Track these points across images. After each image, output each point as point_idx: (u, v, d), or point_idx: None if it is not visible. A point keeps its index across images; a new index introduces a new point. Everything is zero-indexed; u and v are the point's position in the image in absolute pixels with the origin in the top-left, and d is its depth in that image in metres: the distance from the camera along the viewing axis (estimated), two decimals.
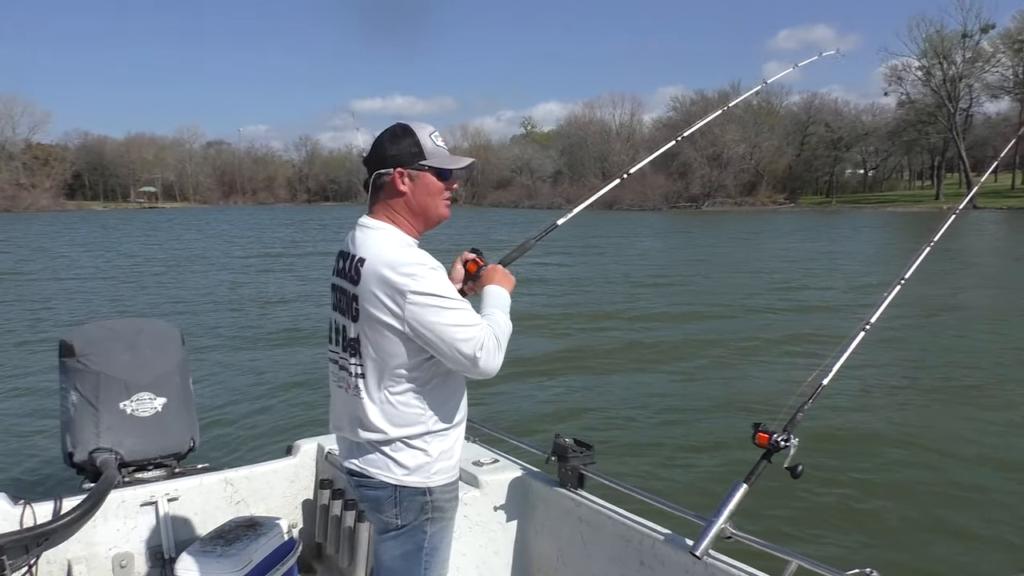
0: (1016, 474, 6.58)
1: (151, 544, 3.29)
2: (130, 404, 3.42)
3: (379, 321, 2.07)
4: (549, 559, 3.18)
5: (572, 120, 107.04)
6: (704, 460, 7.08)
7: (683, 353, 11.91)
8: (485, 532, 3.22)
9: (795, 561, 2.24)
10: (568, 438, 3.11)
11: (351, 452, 2.26)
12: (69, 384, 3.38)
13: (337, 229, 47.08)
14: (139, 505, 3.29)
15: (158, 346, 3.56)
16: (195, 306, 17.29)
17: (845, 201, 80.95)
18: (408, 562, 2.24)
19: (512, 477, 3.28)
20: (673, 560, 2.57)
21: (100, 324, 3.62)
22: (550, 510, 3.16)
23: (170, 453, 3.53)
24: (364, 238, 2.16)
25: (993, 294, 17.42)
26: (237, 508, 3.49)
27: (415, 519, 2.21)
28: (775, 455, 2.38)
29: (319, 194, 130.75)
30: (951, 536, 5.50)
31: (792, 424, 2.41)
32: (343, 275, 2.20)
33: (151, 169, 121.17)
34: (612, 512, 2.89)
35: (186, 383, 3.64)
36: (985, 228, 42.79)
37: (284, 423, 8.15)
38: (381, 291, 2.05)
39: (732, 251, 32.45)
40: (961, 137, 72.69)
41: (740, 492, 2.37)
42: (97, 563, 3.19)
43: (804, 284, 20.47)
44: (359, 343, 2.13)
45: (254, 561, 2.88)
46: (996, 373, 10.29)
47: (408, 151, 2.17)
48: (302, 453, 3.75)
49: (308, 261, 28.80)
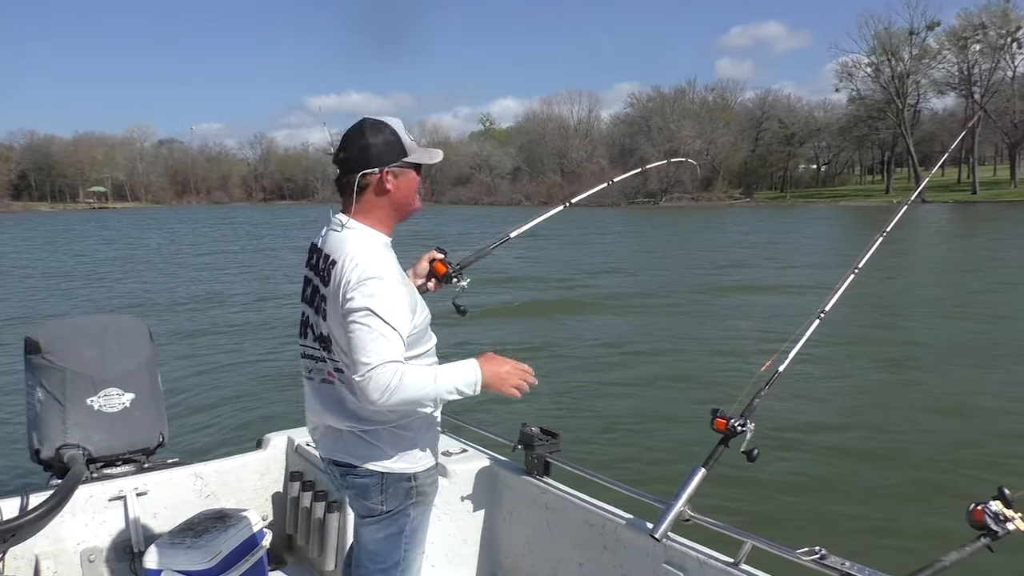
0: (955, 455, 6.94)
1: (120, 538, 3.29)
2: (97, 400, 3.40)
3: (338, 322, 2.09)
4: (516, 545, 3.25)
5: (530, 117, 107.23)
6: (664, 446, 7.27)
7: (645, 343, 12.15)
8: (453, 520, 3.28)
9: (750, 541, 2.31)
10: (534, 427, 3.16)
11: (334, 443, 2.27)
12: (35, 381, 3.35)
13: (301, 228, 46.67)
14: (107, 500, 3.28)
15: (125, 342, 3.54)
16: (157, 304, 17.12)
17: (799, 196, 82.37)
18: (390, 544, 2.30)
19: (480, 466, 3.33)
20: (634, 543, 2.66)
21: (66, 321, 3.60)
22: (517, 498, 3.22)
23: (139, 448, 3.51)
24: (340, 239, 2.15)
25: (936, 282, 17.94)
26: (207, 502, 3.50)
27: (400, 504, 2.26)
28: (732, 440, 2.44)
29: (275, 193, 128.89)
30: (895, 516, 5.74)
31: (749, 410, 2.46)
32: (314, 270, 2.22)
33: (100, 169, 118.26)
34: (576, 498, 2.96)
35: (154, 378, 3.63)
36: (932, 221, 43.95)
37: (254, 417, 8.16)
38: (340, 294, 2.06)
39: (691, 245, 32.94)
40: (909, 132, 74.52)
41: (698, 476, 2.43)
42: (65, 558, 3.18)
43: (762, 275, 20.93)
44: (329, 340, 2.16)
45: (223, 553, 2.89)
46: (939, 358, 10.71)
47: (392, 149, 2.16)
48: (272, 446, 3.77)
49: (268, 259, 28.53)
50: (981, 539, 1.92)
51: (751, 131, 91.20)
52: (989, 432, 7.57)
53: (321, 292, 2.15)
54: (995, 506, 1.91)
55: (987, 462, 6.72)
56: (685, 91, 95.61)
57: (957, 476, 6.43)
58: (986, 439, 7.39)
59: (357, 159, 2.15)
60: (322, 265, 2.16)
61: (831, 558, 2.09)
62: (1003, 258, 23.64)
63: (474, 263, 2.81)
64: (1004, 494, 1.93)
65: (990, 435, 7.49)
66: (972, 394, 8.91)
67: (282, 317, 14.76)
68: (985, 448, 7.14)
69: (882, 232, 2.80)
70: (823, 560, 2.10)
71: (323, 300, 2.14)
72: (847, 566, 2.05)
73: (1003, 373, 9.81)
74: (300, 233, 43.36)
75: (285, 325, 13.59)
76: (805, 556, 2.13)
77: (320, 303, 2.16)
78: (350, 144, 2.17)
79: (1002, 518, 1.90)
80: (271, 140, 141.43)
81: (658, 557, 2.54)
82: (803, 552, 2.14)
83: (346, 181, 2.17)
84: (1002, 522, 1.89)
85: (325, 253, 2.17)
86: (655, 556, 2.56)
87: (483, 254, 2.92)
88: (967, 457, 6.88)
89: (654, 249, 30.05)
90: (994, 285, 17.66)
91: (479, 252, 2.91)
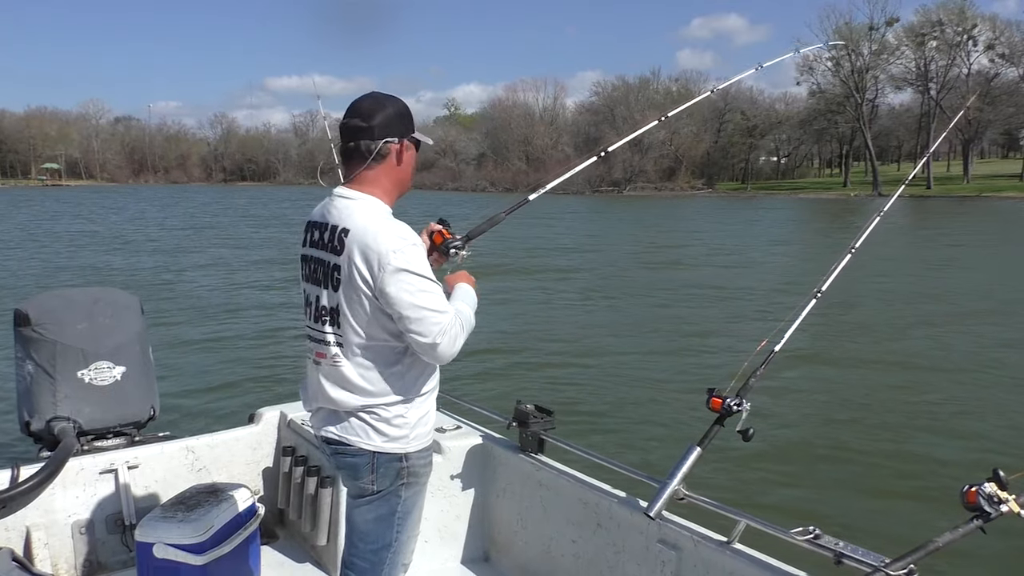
0: (951, 437, 7.08)
1: (111, 511, 3.28)
2: (88, 373, 3.38)
3: (359, 290, 2.07)
4: (509, 522, 3.28)
5: (496, 103, 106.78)
6: (660, 425, 7.33)
7: (641, 325, 12.30)
8: (447, 497, 3.30)
9: (744, 521, 2.32)
10: (529, 404, 3.16)
11: (327, 421, 2.26)
12: (25, 353, 3.32)
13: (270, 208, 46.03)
14: (98, 473, 3.27)
15: (116, 315, 3.52)
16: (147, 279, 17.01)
17: (760, 187, 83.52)
18: (381, 525, 2.27)
19: (474, 443, 3.35)
20: (628, 521, 2.68)
21: (56, 293, 3.57)
22: (511, 475, 3.24)
23: (130, 422, 3.51)
24: (346, 208, 2.14)
25: (887, 274, 18.33)
26: (199, 476, 3.50)
27: (391, 484, 2.24)
28: (728, 419, 2.44)
29: (236, 174, 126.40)
30: (889, 497, 5.82)
31: (745, 390, 2.46)
32: (319, 245, 2.17)
33: (54, 145, 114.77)
34: (571, 476, 2.97)
35: (145, 352, 3.61)
36: (888, 215, 44.83)
37: (245, 392, 8.15)
38: (362, 261, 2.05)
39: (672, 230, 33.37)
40: (867, 127, 75.85)
41: (693, 455, 2.44)
42: (57, 530, 3.18)
43: (740, 260, 21.51)
44: (338, 312, 2.13)
45: (215, 527, 2.90)
46: (915, 343, 11.07)
47: (407, 123, 2.20)
48: (264, 421, 3.76)
49: (239, 237, 28.25)
50: (974, 521, 1.91)
51: (714, 122, 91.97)
52: (986, 414, 7.70)
53: (331, 262, 2.11)
54: (989, 488, 1.91)
55: (983, 444, 6.83)
56: (649, 81, 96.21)
57: (952, 458, 6.52)
58: (983, 421, 7.50)
59: (381, 126, 2.14)
60: (329, 237, 2.13)
61: (825, 538, 2.11)
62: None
63: (486, 232, 2.68)
64: (999, 476, 1.93)
65: (987, 417, 7.61)
66: (969, 376, 9.07)
67: (278, 293, 14.72)
68: (981, 430, 7.25)
69: (878, 213, 2.88)
70: (817, 540, 2.12)
71: (335, 269, 2.10)
72: (840, 546, 2.06)
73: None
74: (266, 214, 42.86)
75: (279, 302, 13.54)
76: (799, 535, 2.14)
77: (331, 273, 2.12)
78: (371, 111, 2.15)
79: (996, 500, 1.90)
80: (232, 120, 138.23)
81: (652, 535, 2.56)
82: (797, 531, 2.15)
83: (364, 148, 2.14)
84: (995, 504, 1.89)
85: (332, 224, 2.13)
86: (649, 534, 2.58)
87: (495, 221, 2.77)
88: (962, 439, 6.99)
89: (639, 232, 30.20)
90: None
91: (492, 219, 2.76)
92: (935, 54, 74.07)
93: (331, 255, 2.12)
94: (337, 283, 2.11)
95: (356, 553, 2.31)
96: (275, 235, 29.88)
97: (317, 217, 2.22)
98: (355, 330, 2.11)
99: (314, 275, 2.19)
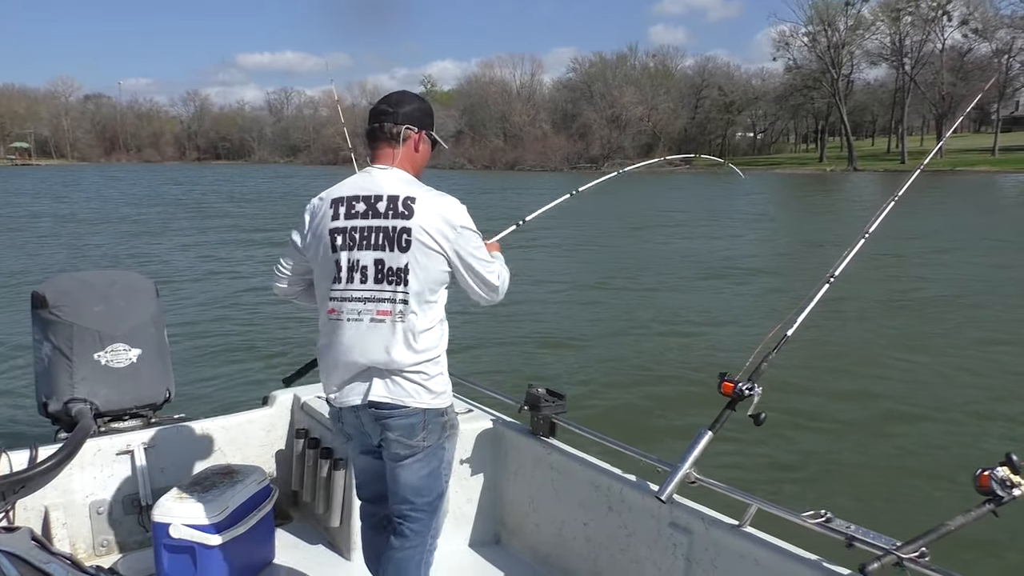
0: (965, 421, 7.02)
1: (128, 491, 3.32)
2: (104, 355, 3.40)
3: (433, 249, 2.27)
4: (521, 505, 3.30)
5: (472, 80, 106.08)
6: (671, 409, 7.25)
7: (654, 309, 12.18)
8: (458, 480, 3.27)
9: (755, 504, 2.34)
10: (541, 388, 3.17)
11: (369, 387, 2.32)
12: (42, 335, 3.33)
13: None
14: (115, 454, 3.30)
15: (132, 297, 3.53)
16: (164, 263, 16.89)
17: (737, 163, 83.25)
18: (432, 479, 2.44)
19: (485, 426, 3.36)
20: (639, 504, 2.69)
21: (73, 275, 3.57)
22: (522, 458, 3.26)
23: (146, 403, 3.53)
24: (398, 179, 2.34)
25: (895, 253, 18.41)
26: (213, 457, 3.53)
27: (438, 439, 2.41)
28: (739, 404, 2.43)
29: (210, 152, 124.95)
30: (901, 480, 5.79)
31: (757, 374, 2.44)
32: (367, 215, 2.29)
33: (22, 124, 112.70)
34: (582, 460, 2.99)
35: (161, 334, 3.63)
36: (863, 189, 45.29)
37: (260, 374, 8.13)
38: (436, 223, 2.27)
39: (676, 208, 33.05)
40: (843, 102, 76.29)
41: (705, 439, 2.45)
42: (74, 510, 3.21)
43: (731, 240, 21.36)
44: (406, 271, 2.27)
45: (230, 507, 2.94)
46: (933, 322, 11.06)
47: (429, 119, 2.47)
48: (278, 404, 3.78)
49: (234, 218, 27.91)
50: (986, 504, 1.91)
51: (691, 98, 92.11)
52: (1001, 398, 7.57)
53: (399, 226, 2.25)
54: (1002, 472, 1.91)
55: (997, 428, 6.76)
56: (627, 57, 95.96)
57: (965, 441, 6.48)
58: (998, 404, 7.39)
59: (406, 114, 2.40)
60: (388, 205, 2.28)
61: (836, 521, 2.12)
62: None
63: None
64: (1012, 460, 1.93)
65: (1002, 400, 7.50)
66: (983, 359, 8.96)
67: None
68: (996, 414, 7.16)
69: (893, 197, 2.88)
70: (828, 523, 2.12)
71: (405, 232, 2.25)
72: (852, 529, 2.07)
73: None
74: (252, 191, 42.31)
75: None
76: (810, 519, 2.15)
77: (398, 236, 2.25)
78: (399, 101, 2.43)
79: (1008, 484, 1.90)
80: (205, 97, 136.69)
81: (663, 518, 2.58)
82: (808, 515, 2.16)
83: (387, 130, 2.37)
84: (1008, 488, 1.90)
85: (390, 195, 2.29)
86: (660, 517, 2.59)
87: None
88: (976, 422, 6.92)
89: (635, 215, 29.93)
90: None
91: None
92: (910, 29, 74.47)
93: (396, 220, 2.27)
94: (407, 244, 2.26)
95: (413, 507, 2.44)
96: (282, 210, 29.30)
97: (352, 191, 2.35)
98: (422, 286, 2.28)
99: (366, 241, 2.29)
